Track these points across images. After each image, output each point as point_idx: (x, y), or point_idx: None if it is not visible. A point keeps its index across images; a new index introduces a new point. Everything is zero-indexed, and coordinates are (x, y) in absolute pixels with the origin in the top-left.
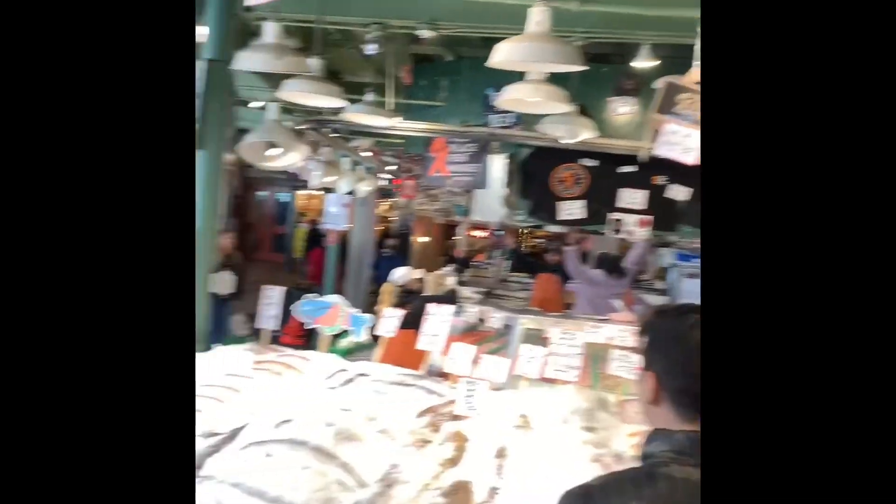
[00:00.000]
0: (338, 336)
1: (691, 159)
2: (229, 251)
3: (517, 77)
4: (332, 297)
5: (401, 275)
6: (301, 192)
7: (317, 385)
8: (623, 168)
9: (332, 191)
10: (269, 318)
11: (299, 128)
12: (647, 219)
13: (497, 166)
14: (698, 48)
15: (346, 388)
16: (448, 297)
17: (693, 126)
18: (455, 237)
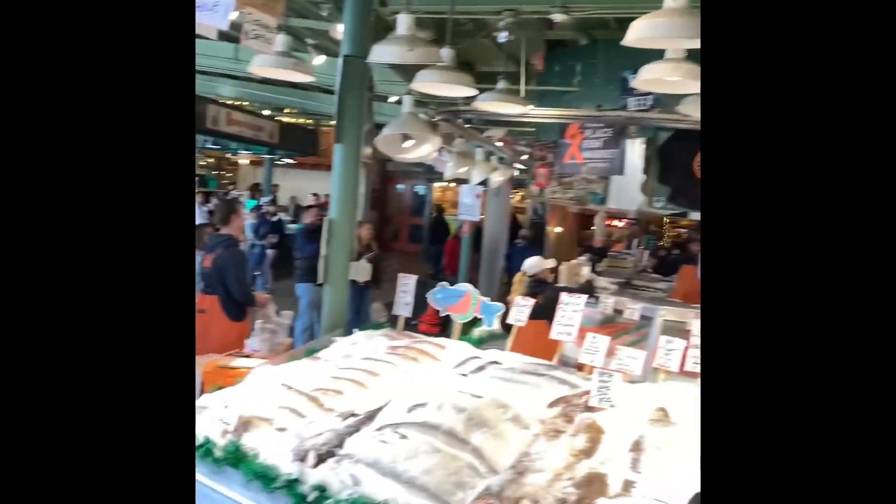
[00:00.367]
0: (471, 325)
1: None
2: (368, 241)
3: (656, 57)
4: (465, 286)
5: (532, 264)
6: (437, 185)
7: (449, 372)
8: None
9: (466, 182)
10: (404, 306)
11: (433, 120)
12: None
13: (634, 151)
14: None
15: (477, 376)
16: (583, 288)
17: None
18: (591, 226)
